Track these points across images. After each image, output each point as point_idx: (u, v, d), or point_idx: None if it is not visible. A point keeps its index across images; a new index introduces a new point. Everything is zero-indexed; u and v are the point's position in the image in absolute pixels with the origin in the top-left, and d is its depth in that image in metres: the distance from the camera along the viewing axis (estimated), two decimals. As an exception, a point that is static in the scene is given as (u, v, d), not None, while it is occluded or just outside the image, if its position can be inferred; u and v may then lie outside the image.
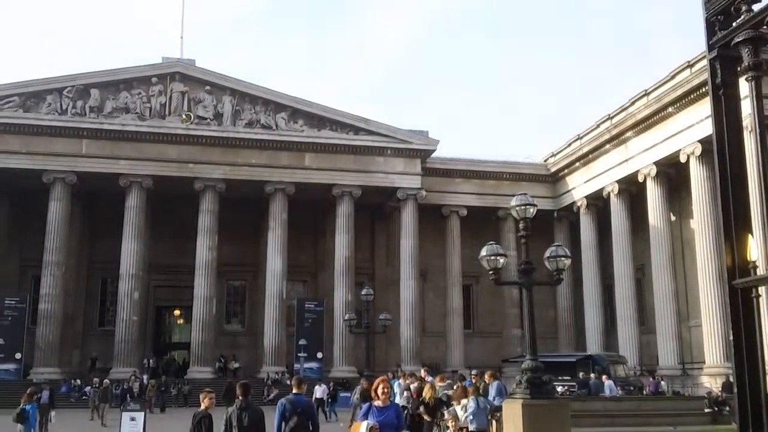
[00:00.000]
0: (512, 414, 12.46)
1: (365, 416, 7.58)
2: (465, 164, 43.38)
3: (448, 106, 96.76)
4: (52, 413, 22.95)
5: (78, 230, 39.42)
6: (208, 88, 38.63)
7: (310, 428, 8.74)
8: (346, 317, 33.62)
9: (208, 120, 38.44)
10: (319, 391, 27.74)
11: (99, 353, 38.49)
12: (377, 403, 7.66)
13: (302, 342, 38.01)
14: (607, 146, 38.31)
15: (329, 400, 28.47)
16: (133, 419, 16.48)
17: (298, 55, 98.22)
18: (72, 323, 38.73)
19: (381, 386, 7.70)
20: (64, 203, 36.54)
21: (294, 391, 9.17)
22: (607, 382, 25.71)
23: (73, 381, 33.91)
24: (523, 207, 13.38)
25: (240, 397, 8.45)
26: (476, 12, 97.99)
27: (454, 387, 15.38)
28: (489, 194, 42.99)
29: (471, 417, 12.60)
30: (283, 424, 8.59)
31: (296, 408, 8.85)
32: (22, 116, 36.21)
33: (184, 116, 37.96)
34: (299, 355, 37.93)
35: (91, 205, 40.66)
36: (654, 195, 35.06)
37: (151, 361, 38.35)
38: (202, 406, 8.94)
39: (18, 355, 35.37)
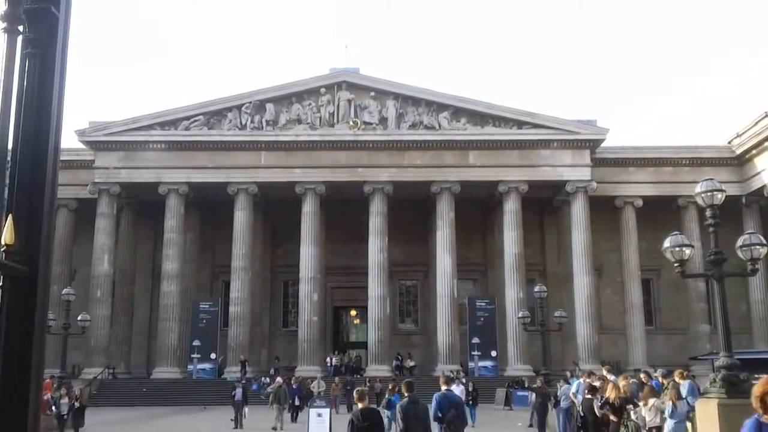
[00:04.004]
0: (707, 414, 11.88)
1: None
2: (638, 152, 41.36)
3: (608, 94, 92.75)
4: (246, 409, 24.63)
5: (261, 237, 42.15)
6: (372, 94, 39.80)
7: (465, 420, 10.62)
8: (520, 315, 33.25)
9: (374, 125, 39.61)
10: (458, 391, 25.23)
11: (284, 353, 40.93)
12: None
13: (475, 340, 38.08)
14: (801, 122, 34.87)
15: (470, 402, 25.20)
16: (319, 415, 17.24)
17: (451, 52, 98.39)
18: (259, 324, 41.44)
19: None
20: (247, 212, 39.23)
21: (444, 388, 10.83)
22: (814, 381, 23.34)
23: (262, 379, 36.14)
24: (709, 193, 12.64)
25: (407, 393, 9.88)
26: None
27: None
28: (666, 182, 40.73)
29: (671, 424, 11.99)
30: (440, 413, 10.28)
31: (452, 402, 10.60)
32: (207, 133, 39.40)
33: (351, 123, 39.44)
34: (473, 353, 38.03)
35: (271, 213, 43.35)
36: None
37: (333, 359, 40.11)
38: (360, 405, 9.71)
39: (213, 355, 38.39)
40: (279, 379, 27.27)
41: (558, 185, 39.77)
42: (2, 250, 1.90)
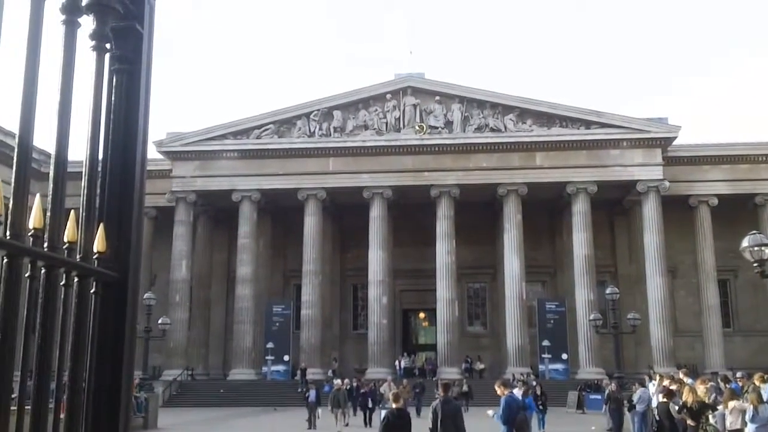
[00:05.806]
0: (789, 418, 11.47)
1: None
2: (712, 149, 40.06)
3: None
4: (319, 410, 24.97)
5: (330, 242, 42.75)
6: (437, 98, 39.88)
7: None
8: (591, 317, 32.75)
9: (440, 128, 39.70)
10: (518, 395, 22.99)
11: (354, 355, 41.37)
12: None
13: (545, 343, 37.64)
14: None
15: (539, 407, 22.91)
16: (389, 417, 17.38)
17: (513, 52, 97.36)
18: (330, 327, 42.02)
19: None
20: (316, 218, 39.89)
21: (506, 392, 11.64)
22: None
23: (334, 381, 36.54)
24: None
25: (442, 393, 10.44)
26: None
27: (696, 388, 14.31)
28: (743, 180, 39.36)
29: (752, 428, 11.67)
30: (508, 416, 11.05)
31: (519, 404, 11.43)
32: (278, 141, 40.28)
33: (417, 127, 39.64)
34: (543, 356, 37.60)
35: (339, 218, 43.94)
36: None
37: (403, 361, 40.28)
38: (394, 405, 10.46)
39: (286, 357, 39.15)
40: (338, 381, 26.86)
41: (628, 185, 38.92)
42: (95, 257, 1.97)
